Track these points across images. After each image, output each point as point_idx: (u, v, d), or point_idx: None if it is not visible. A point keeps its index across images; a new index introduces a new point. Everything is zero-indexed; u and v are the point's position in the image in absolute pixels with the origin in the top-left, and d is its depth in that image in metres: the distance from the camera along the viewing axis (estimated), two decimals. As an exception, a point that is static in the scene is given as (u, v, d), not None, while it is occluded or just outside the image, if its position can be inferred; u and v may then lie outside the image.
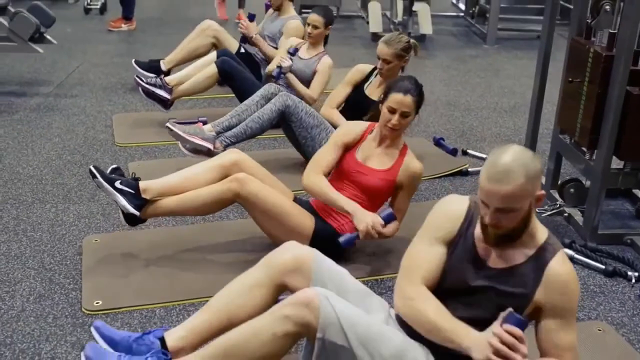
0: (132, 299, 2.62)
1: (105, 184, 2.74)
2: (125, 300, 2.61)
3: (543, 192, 1.83)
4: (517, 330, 1.74)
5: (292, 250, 2.12)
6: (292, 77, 4.15)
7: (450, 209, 2.00)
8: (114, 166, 2.89)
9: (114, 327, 2.45)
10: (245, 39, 4.73)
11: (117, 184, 2.75)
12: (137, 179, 2.80)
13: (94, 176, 2.75)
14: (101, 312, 2.53)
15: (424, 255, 1.96)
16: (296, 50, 4.24)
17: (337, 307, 1.85)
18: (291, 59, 4.17)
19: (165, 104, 4.35)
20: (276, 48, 4.64)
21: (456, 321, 1.86)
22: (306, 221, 2.81)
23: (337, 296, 1.90)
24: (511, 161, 1.75)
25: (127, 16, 7.03)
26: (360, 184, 2.84)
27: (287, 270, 2.07)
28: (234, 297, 2.09)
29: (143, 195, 2.76)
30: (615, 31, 3.06)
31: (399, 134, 2.83)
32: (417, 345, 1.92)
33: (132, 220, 2.84)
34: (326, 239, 2.77)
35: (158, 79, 4.34)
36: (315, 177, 2.82)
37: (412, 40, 3.59)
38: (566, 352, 1.87)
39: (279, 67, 4.14)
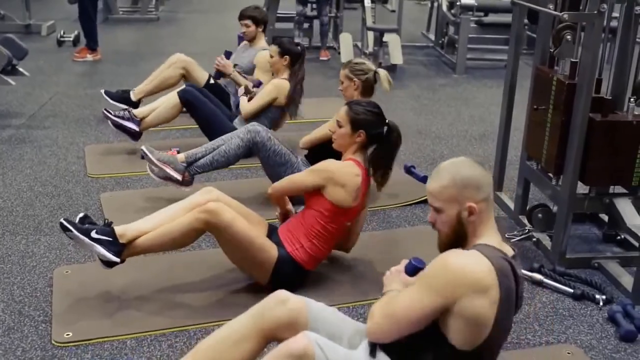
0: (103, 330, 2.60)
1: (81, 236, 2.62)
2: (95, 331, 2.59)
3: (473, 204, 1.87)
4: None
5: (286, 305, 2.05)
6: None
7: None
8: (81, 215, 2.77)
9: (85, 359, 2.44)
10: (219, 75, 4.76)
11: (93, 234, 2.65)
12: (110, 224, 2.74)
13: (66, 229, 2.63)
14: (71, 344, 2.51)
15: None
16: (260, 83, 4.34)
17: (330, 355, 1.84)
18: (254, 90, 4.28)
19: (134, 135, 4.39)
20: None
21: None
22: (271, 252, 2.81)
23: (328, 341, 1.90)
24: (446, 164, 1.93)
25: (92, 47, 7.08)
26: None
27: (281, 326, 2.02)
28: (222, 348, 2.05)
29: (121, 241, 2.69)
30: (577, 60, 3.15)
31: (341, 146, 2.95)
32: None
33: (110, 264, 2.75)
34: (286, 268, 2.82)
35: (126, 112, 4.38)
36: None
37: (379, 70, 3.61)
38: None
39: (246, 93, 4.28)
